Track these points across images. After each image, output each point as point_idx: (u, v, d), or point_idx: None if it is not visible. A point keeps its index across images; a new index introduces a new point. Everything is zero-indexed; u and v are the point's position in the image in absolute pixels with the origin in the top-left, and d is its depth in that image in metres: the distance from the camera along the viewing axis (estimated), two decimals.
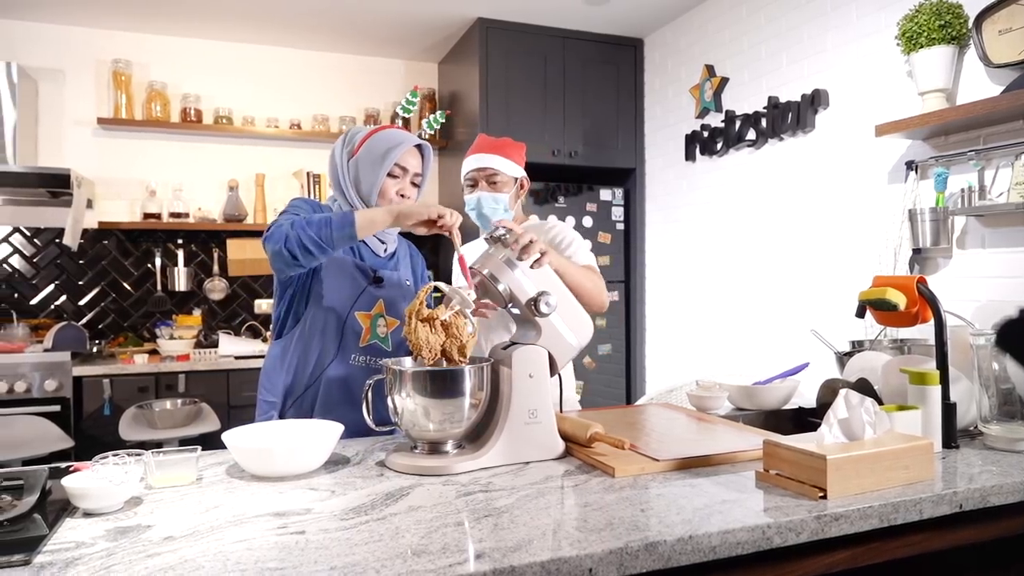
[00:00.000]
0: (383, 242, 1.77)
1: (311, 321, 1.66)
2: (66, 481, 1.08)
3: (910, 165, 2.38)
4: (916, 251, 2.33)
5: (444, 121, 3.96)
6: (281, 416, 1.67)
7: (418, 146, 1.72)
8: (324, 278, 1.65)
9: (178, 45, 3.87)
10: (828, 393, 1.76)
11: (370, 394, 1.38)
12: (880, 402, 1.56)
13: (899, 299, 1.51)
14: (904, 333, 2.27)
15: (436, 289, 1.45)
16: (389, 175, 1.67)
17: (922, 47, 2.22)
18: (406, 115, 3.96)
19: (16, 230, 3.62)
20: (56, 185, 3.25)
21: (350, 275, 1.68)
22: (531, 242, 1.44)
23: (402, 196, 1.69)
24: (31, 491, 1.13)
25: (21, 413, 2.98)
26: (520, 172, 1.91)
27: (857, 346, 2.23)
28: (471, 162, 1.90)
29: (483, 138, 1.95)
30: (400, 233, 1.84)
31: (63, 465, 1.32)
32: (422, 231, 1.51)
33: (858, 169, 2.65)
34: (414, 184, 1.73)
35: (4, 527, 1.01)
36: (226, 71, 3.94)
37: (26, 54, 3.59)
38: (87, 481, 1.08)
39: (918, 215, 2.27)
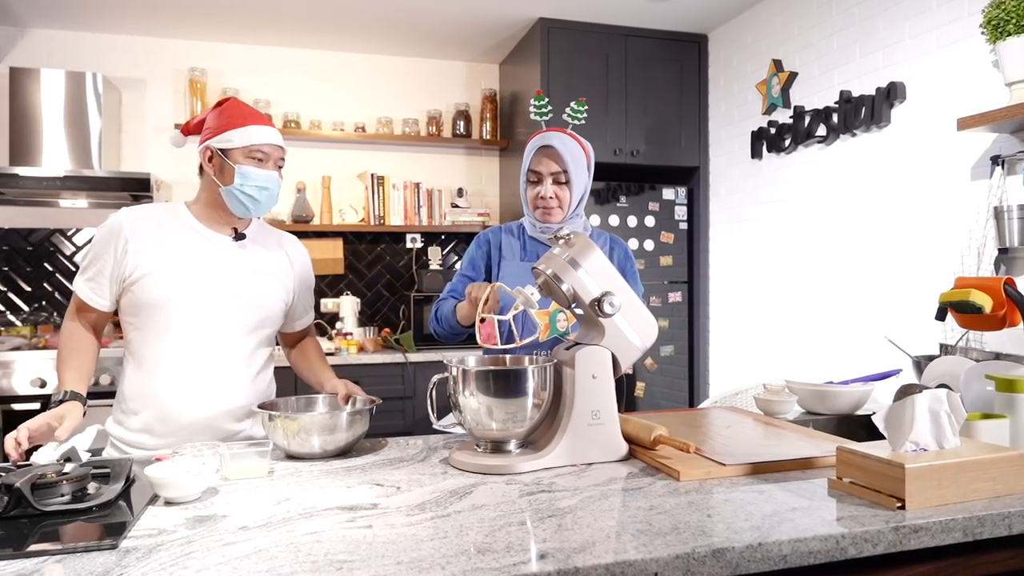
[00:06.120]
0: (547, 229, 1.78)
1: None
2: (149, 471, 1.13)
3: (996, 160, 2.26)
4: (1002, 251, 2.20)
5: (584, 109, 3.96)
6: None
7: (550, 145, 1.75)
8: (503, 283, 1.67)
9: (249, 52, 4.01)
10: None
11: (434, 392, 1.40)
12: None
13: (984, 301, 1.44)
14: (991, 341, 2.15)
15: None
16: (530, 182, 1.77)
17: (1010, 35, 2.10)
18: (542, 118, 4.00)
19: None
20: (137, 189, 3.42)
21: (527, 279, 1.70)
22: None
23: (542, 198, 1.74)
24: (117, 479, 1.19)
25: (105, 406, 3.14)
26: None
27: (951, 351, 2.10)
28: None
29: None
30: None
31: (147, 455, 1.38)
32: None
33: (937, 165, 2.52)
34: (558, 182, 1.75)
35: (93, 512, 1.07)
36: (294, 76, 4.06)
37: (110, 64, 3.78)
38: (168, 471, 1.13)
39: (1004, 212, 2.15)
